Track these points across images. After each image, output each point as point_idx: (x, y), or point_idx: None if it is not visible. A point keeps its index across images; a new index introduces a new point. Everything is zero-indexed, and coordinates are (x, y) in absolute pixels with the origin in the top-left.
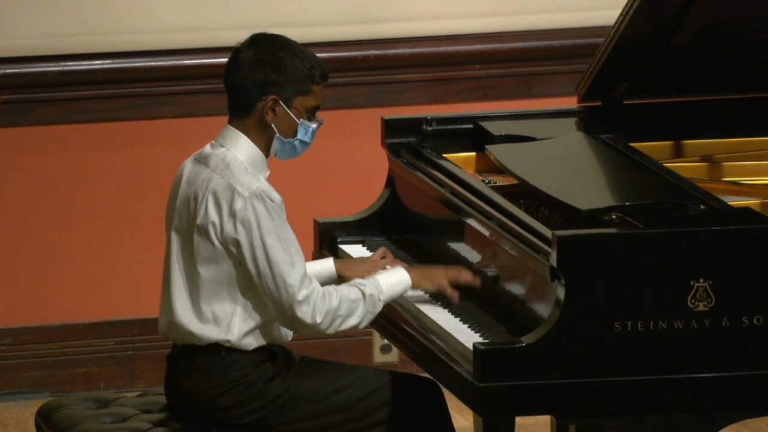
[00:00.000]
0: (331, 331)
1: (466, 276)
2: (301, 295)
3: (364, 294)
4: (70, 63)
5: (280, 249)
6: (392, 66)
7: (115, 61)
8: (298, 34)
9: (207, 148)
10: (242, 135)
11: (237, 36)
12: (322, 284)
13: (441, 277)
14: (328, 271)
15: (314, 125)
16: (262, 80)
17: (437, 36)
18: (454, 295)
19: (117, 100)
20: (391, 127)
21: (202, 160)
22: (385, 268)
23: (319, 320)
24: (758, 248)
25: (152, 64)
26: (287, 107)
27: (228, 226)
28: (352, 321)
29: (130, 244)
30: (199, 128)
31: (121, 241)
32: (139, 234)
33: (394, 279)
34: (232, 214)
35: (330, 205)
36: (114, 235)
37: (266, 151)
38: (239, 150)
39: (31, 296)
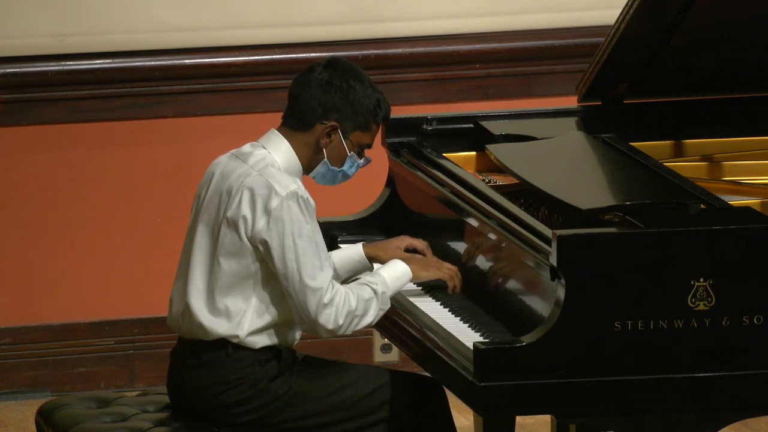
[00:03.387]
0: (348, 332)
1: (455, 282)
2: (326, 299)
3: (376, 292)
4: (71, 62)
5: (312, 252)
6: (392, 66)
7: (115, 60)
8: (298, 34)
9: (247, 147)
10: (286, 143)
11: (237, 36)
12: (353, 270)
13: (437, 267)
14: (358, 256)
15: (362, 161)
16: (328, 104)
17: (437, 36)
18: (457, 283)
19: (117, 99)
20: (391, 127)
21: (241, 157)
22: (412, 246)
23: (341, 322)
24: (758, 248)
25: (152, 64)
26: (343, 137)
27: (260, 223)
28: (366, 320)
29: (130, 243)
30: (199, 128)
31: (121, 241)
32: (139, 234)
33: (396, 273)
34: (267, 212)
35: (330, 205)
36: (114, 235)
37: (306, 168)
38: (280, 155)
39: (31, 296)
